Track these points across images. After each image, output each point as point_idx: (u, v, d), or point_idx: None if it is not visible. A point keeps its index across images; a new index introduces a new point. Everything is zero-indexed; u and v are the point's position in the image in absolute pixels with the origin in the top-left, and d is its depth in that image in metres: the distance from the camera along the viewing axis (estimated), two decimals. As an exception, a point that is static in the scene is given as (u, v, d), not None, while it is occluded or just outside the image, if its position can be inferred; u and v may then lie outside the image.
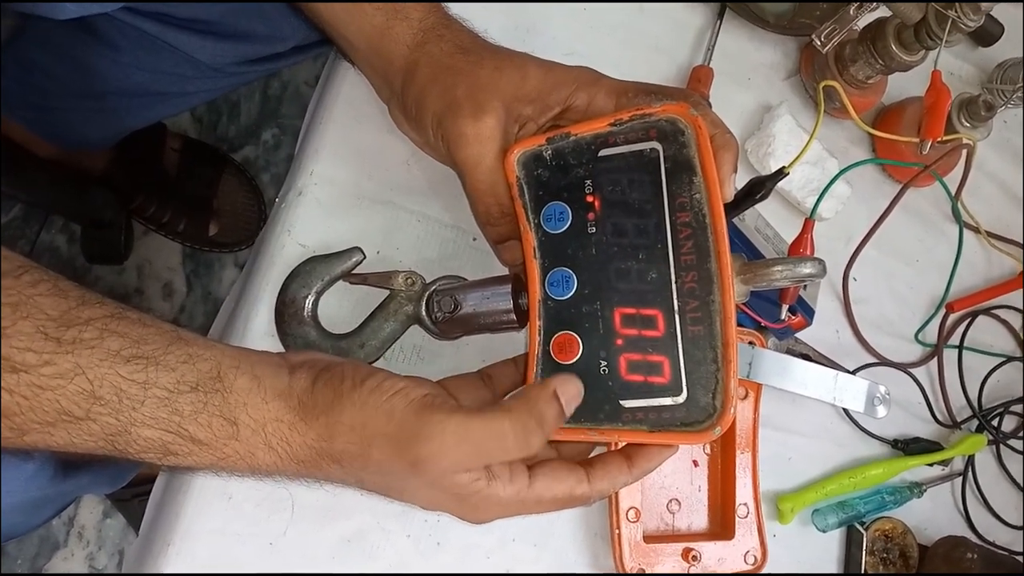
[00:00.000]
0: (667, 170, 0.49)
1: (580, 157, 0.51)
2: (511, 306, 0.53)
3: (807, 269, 0.52)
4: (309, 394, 0.45)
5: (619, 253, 0.49)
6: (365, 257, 0.56)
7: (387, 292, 0.56)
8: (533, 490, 0.47)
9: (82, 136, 1.04)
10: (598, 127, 0.51)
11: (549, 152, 0.52)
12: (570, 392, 0.47)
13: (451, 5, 0.56)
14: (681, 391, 0.47)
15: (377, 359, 0.56)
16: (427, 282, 0.56)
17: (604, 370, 0.48)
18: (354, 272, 0.56)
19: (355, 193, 0.60)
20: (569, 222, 0.50)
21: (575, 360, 0.49)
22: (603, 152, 0.50)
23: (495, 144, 0.51)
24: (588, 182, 0.50)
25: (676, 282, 0.48)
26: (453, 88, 0.51)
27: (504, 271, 0.58)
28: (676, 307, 0.48)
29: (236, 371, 0.43)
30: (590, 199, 0.50)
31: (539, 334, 0.50)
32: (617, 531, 0.60)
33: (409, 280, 0.56)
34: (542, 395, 0.46)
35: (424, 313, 0.55)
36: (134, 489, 1.13)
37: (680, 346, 0.47)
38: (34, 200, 1.22)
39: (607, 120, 0.50)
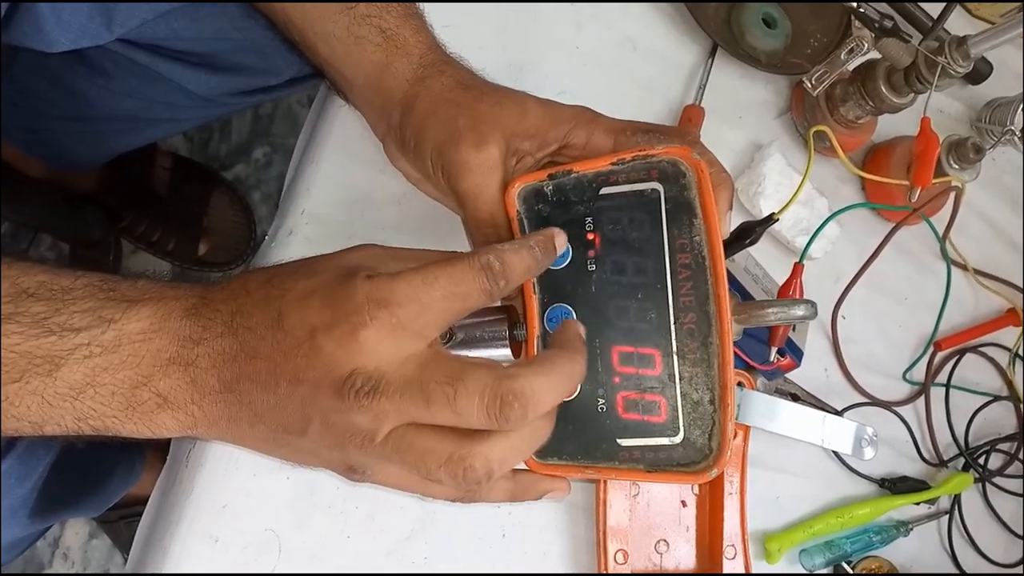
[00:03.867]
0: (668, 211, 0.49)
1: (581, 194, 0.51)
2: (506, 338, 0.53)
3: (799, 311, 0.54)
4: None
5: (618, 291, 0.49)
6: None
7: None
8: (448, 361, 0.40)
9: (73, 157, 1.04)
10: (600, 165, 0.50)
11: (550, 188, 0.52)
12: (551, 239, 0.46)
13: (449, 43, 0.56)
14: (678, 431, 0.48)
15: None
16: None
17: (601, 408, 0.49)
18: None
19: (346, 232, 0.60)
20: (569, 259, 0.50)
21: (573, 397, 0.49)
22: (604, 190, 0.50)
23: (497, 174, 0.51)
24: (589, 219, 0.50)
25: (675, 322, 0.48)
26: (454, 119, 0.51)
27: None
28: (675, 347, 0.48)
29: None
30: (590, 236, 0.50)
31: None
32: (605, 572, 0.60)
33: None
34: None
35: None
36: (120, 511, 1.13)
37: (678, 386, 0.48)
38: (25, 219, 1.21)
39: (609, 159, 0.50)
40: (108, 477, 0.96)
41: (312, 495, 0.56)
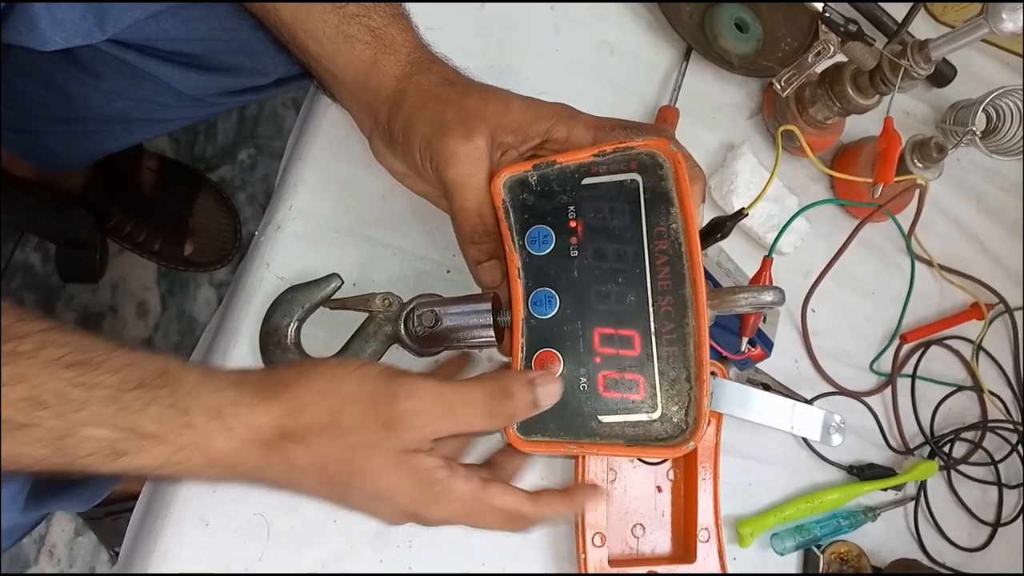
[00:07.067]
0: (646, 200, 0.52)
1: (564, 184, 0.54)
2: (490, 322, 0.55)
3: (768, 297, 0.56)
4: (268, 375, 0.46)
5: (600, 276, 0.52)
6: (343, 283, 0.58)
7: (366, 315, 0.58)
8: (486, 493, 0.49)
9: (61, 158, 1.04)
10: (582, 157, 0.53)
11: (535, 178, 0.54)
12: (548, 386, 0.49)
13: (432, 42, 0.58)
14: (656, 408, 0.50)
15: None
16: (404, 302, 0.58)
17: (584, 387, 0.51)
18: (333, 298, 0.58)
19: (333, 227, 0.62)
20: (552, 245, 0.53)
21: (556, 376, 0.52)
22: (586, 181, 0.53)
23: (484, 165, 0.53)
24: (571, 208, 0.53)
25: (653, 305, 0.51)
26: (443, 113, 0.53)
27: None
28: (653, 329, 0.51)
29: (184, 368, 0.44)
30: (573, 224, 0.53)
31: (522, 351, 0.53)
32: (583, 555, 0.61)
33: (386, 301, 0.58)
34: (518, 377, 0.49)
35: (403, 330, 0.57)
36: (107, 508, 1.14)
37: (656, 365, 0.51)
38: (11, 219, 1.22)
39: (591, 151, 0.53)
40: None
41: (300, 480, 0.58)
